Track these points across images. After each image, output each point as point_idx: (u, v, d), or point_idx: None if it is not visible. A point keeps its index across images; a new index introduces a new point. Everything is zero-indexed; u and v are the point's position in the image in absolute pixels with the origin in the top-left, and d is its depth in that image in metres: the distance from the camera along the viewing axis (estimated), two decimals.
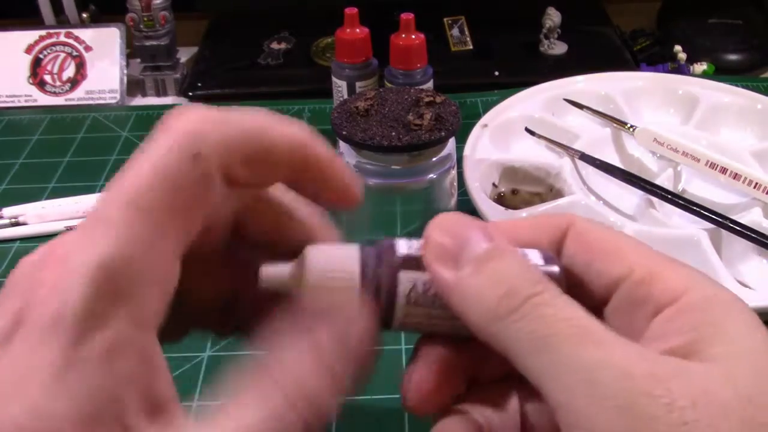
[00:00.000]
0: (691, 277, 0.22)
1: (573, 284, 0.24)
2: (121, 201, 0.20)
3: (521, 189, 0.54)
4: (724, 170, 0.50)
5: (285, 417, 0.21)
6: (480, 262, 0.22)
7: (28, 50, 0.74)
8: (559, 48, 0.75)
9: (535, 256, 0.23)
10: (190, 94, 0.73)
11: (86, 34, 0.74)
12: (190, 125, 0.21)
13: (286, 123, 0.24)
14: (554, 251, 0.24)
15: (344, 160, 0.44)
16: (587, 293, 0.24)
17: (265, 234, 0.26)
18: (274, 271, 0.24)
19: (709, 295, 0.21)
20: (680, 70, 0.72)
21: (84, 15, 0.78)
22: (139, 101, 0.74)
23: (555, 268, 0.23)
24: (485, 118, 0.56)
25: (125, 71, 0.73)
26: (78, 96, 0.73)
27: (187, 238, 0.21)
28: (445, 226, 0.23)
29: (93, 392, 0.19)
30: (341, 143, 0.43)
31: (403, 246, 0.24)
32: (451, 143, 0.44)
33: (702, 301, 0.21)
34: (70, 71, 0.73)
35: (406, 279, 0.23)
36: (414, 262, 0.23)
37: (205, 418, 0.20)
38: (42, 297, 0.19)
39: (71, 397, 0.18)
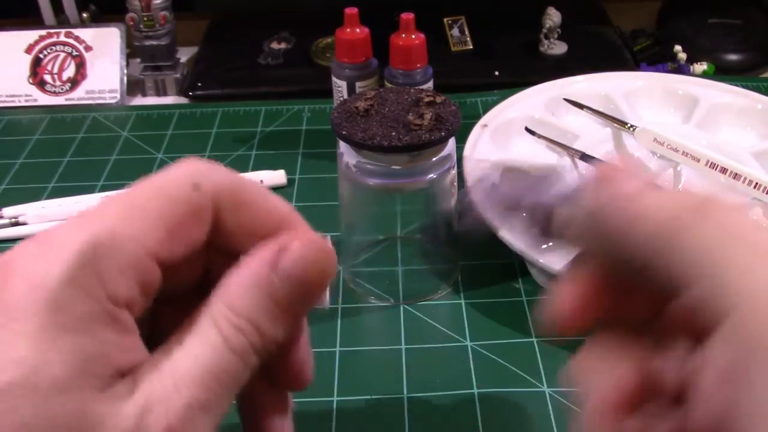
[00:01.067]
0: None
1: None
2: (119, 200, 0.23)
3: None
4: (724, 170, 0.50)
5: (226, 342, 0.22)
6: (649, 188, 0.22)
7: (28, 50, 0.74)
8: (559, 48, 0.75)
9: None
10: (190, 94, 0.73)
11: (86, 33, 0.74)
12: (195, 165, 0.24)
13: (275, 197, 0.26)
14: None
15: (344, 160, 0.44)
16: None
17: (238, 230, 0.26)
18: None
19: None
20: (680, 70, 0.72)
21: (84, 15, 0.78)
22: (139, 101, 0.74)
23: None
24: (485, 118, 0.56)
25: (125, 71, 0.73)
26: (78, 96, 0.73)
27: (169, 252, 0.23)
28: (609, 167, 0.24)
29: (80, 352, 0.20)
30: (341, 143, 0.43)
31: (570, 179, 0.26)
32: (451, 143, 0.44)
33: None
34: (70, 71, 0.73)
35: (574, 207, 0.25)
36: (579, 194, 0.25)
37: (159, 357, 0.22)
38: (25, 264, 0.21)
39: (61, 358, 0.19)
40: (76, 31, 0.74)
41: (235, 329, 0.22)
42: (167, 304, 0.25)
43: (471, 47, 0.76)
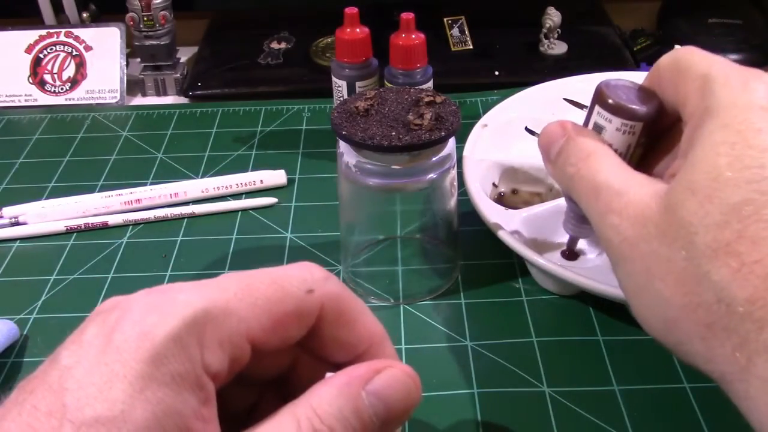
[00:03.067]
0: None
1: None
2: (240, 279, 0.24)
3: (521, 189, 0.54)
4: None
5: None
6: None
7: (28, 50, 0.74)
8: (559, 48, 0.75)
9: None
10: (190, 94, 0.73)
11: (86, 33, 0.74)
12: (313, 270, 0.26)
13: (373, 316, 0.28)
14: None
15: (344, 160, 0.44)
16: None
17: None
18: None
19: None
20: None
21: (84, 15, 0.78)
22: (139, 101, 0.74)
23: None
24: (485, 118, 0.56)
25: (125, 71, 0.73)
26: (78, 96, 0.73)
27: (266, 341, 0.24)
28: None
29: (164, 407, 0.21)
30: (341, 143, 0.43)
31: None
32: (451, 143, 0.44)
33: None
34: (70, 71, 0.73)
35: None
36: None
37: None
38: (140, 311, 0.22)
39: (146, 407, 0.20)
40: (76, 31, 0.74)
41: (311, 427, 0.23)
42: (243, 384, 0.26)
43: (471, 47, 0.76)
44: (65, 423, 0.20)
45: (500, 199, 0.53)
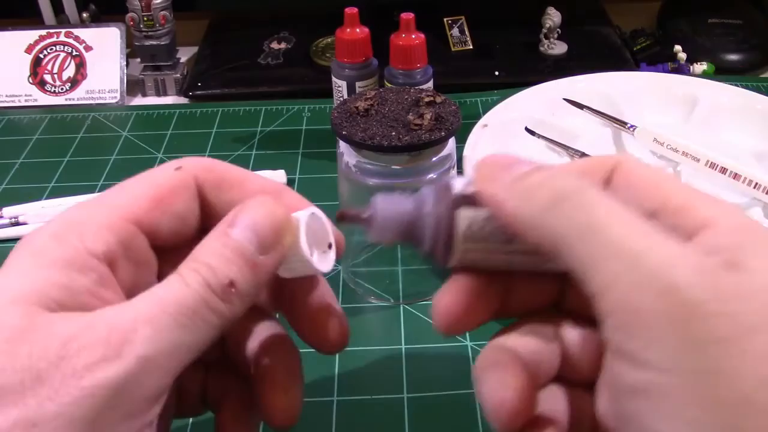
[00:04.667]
0: (722, 205, 0.23)
1: None
2: (116, 186, 0.27)
3: None
4: (724, 170, 0.50)
5: (183, 279, 0.24)
6: (528, 174, 0.23)
7: (28, 50, 0.74)
8: (559, 48, 0.75)
9: None
10: (190, 94, 0.73)
11: (86, 33, 0.74)
12: (180, 158, 0.29)
13: (261, 177, 0.29)
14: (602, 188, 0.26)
15: (344, 159, 0.44)
16: None
17: None
18: (352, 212, 0.27)
19: (741, 222, 0.22)
20: (680, 70, 0.72)
21: (84, 15, 0.78)
22: (139, 101, 0.74)
23: None
24: (485, 118, 0.56)
25: (125, 71, 0.73)
26: (78, 96, 0.73)
27: (154, 219, 0.26)
28: (492, 157, 0.25)
29: (50, 283, 0.23)
30: (341, 143, 0.43)
31: (460, 184, 0.25)
32: (451, 143, 0.44)
33: (734, 226, 0.22)
34: (70, 71, 0.73)
35: (465, 216, 0.24)
36: (471, 199, 0.24)
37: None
38: (27, 235, 0.25)
39: (32, 285, 0.23)
40: (76, 31, 0.74)
41: (191, 270, 0.24)
42: (192, 368, 0.26)
43: (471, 47, 0.76)
44: None
45: None
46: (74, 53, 0.74)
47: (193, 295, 0.23)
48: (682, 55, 0.73)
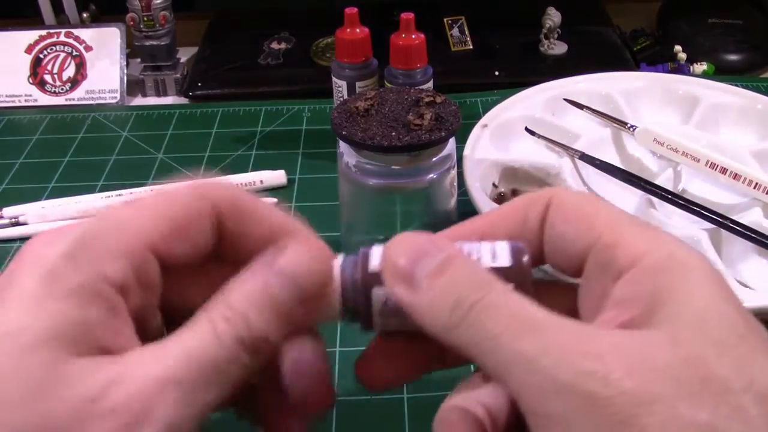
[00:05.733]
0: (652, 239, 0.23)
1: (554, 256, 0.25)
2: (131, 202, 0.25)
3: (521, 189, 0.54)
4: (724, 170, 0.50)
5: (213, 330, 0.22)
6: (431, 278, 0.23)
7: (28, 50, 0.74)
8: (559, 48, 0.75)
9: (499, 249, 0.24)
10: (190, 94, 0.73)
11: (86, 33, 0.74)
12: (200, 180, 0.27)
13: (274, 208, 0.27)
14: (539, 225, 0.25)
15: (344, 160, 0.44)
16: (567, 263, 0.25)
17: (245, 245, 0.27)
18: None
19: (664, 256, 0.22)
20: (680, 70, 0.72)
21: (84, 15, 0.78)
22: (139, 101, 0.74)
23: (506, 263, 0.24)
24: (485, 118, 0.56)
25: (125, 71, 0.73)
26: (78, 96, 0.73)
27: (169, 247, 0.25)
28: (400, 247, 0.24)
29: (63, 317, 0.21)
30: (341, 143, 0.43)
31: (377, 259, 0.25)
32: (451, 143, 0.44)
33: (658, 263, 0.22)
34: (70, 71, 0.73)
35: (380, 294, 0.24)
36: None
37: (150, 345, 0.22)
38: (37, 247, 0.23)
39: (45, 318, 0.21)
40: (76, 31, 0.74)
41: (224, 319, 0.23)
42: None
43: (471, 47, 0.76)
44: None
45: (500, 199, 0.53)
46: (74, 53, 0.74)
47: (226, 353, 0.22)
48: (682, 55, 0.73)
